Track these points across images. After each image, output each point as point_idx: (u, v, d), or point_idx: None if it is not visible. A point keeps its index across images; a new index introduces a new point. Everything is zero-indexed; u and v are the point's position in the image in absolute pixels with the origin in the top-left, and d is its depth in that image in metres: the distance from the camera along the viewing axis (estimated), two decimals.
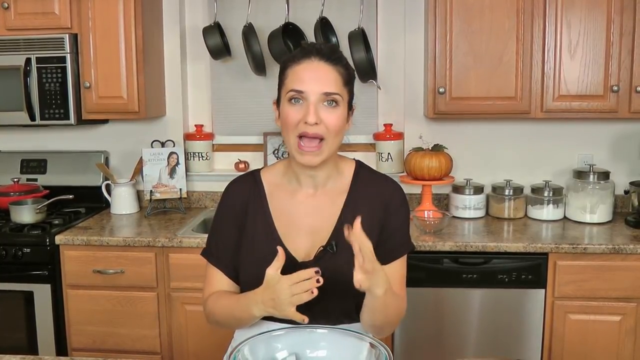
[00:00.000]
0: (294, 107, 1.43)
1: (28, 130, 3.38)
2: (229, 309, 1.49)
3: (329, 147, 1.44)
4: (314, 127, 1.40)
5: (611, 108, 2.80)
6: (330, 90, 1.42)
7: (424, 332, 2.68)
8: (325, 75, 1.43)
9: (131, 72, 2.97)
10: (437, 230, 2.79)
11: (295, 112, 1.42)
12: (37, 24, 2.96)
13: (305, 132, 1.41)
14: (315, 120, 1.40)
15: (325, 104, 1.42)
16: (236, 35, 3.21)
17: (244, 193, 1.57)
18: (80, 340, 2.84)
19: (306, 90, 1.41)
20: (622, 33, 2.74)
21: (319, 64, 1.44)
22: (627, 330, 2.59)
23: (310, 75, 1.42)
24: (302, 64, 1.44)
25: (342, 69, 1.47)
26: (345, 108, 1.47)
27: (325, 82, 1.42)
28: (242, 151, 3.40)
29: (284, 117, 1.45)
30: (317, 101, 1.41)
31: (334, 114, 1.43)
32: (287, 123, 1.44)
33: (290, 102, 1.43)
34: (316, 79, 1.42)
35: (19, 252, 2.77)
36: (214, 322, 1.57)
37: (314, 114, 1.40)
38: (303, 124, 1.41)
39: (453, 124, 3.21)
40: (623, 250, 2.54)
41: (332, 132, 1.43)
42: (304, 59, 1.44)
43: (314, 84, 1.41)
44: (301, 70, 1.43)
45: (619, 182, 3.07)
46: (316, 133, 1.41)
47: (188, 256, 2.73)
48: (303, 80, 1.42)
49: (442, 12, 2.82)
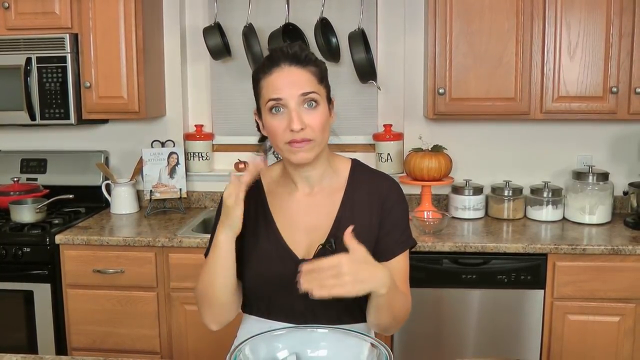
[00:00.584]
0: (277, 117, 1.44)
1: (28, 129, 3.39)
2: (205, 264, 1.50)
3: (319, 143, 1.46)
4: (300, 133, 1.42)
5: (610, 109, 2.81)
6: (307, 90, 1.43)
7: (424, 333, 2.69)
8: (299, 78, 1.44)
9: (131, 72, 2.98)
10: (437, 231, 2.80)
11: (278, 122, 1.44)
12: (38, 23, 2.96)
13: (294, 139, 1.43)
14: (300, 126, 1.41)
15: (305, 106, 1.43)
16: (236, 36, 3.21)
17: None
18: (80, 340, 2.84)
19: (284, 97, 1.42)
20: (622, 34, 2.74)
21: (290, 69, 1.44)
22: (625, 331, 2.59)
23: (284, 81, 1.43)
24: (274, 73, 1.45)
25: (313, 67, 1.47)
26: (325, 104, 1.48)
27: (300, 84, 1.43)
28: (241, 151, 3.40)
29: (269, 128, 1.47)
30: (297, 105, 1.42)
31: (317, 114, 1.44)
32: (273, 134, 1.46)
33: (272, 112, 1.44)
34: (290, 84, 1.43)
35: (19, 251, 2.77)
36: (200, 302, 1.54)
37: (297, 120, 1.41)
38: (289, 132, 1.42)
39: (453, 124, 3.21)
40: (622, 251, 2.55)
41: (318, 131, 1.45)
42: (274, 68, 1.45)
43: (289, 89, 1.42)
44: (274, 79, 1.44)
45: (618, 183, 3.08)
46: (304, 138, 1.43)
47: (188, 256, 2.74)
48: (278, 88, 1.43)
49: (442, 13, 2.83)
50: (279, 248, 1.51)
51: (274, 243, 1.51)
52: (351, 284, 1.26)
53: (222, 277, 1.47)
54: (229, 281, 1.48)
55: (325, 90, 1.50)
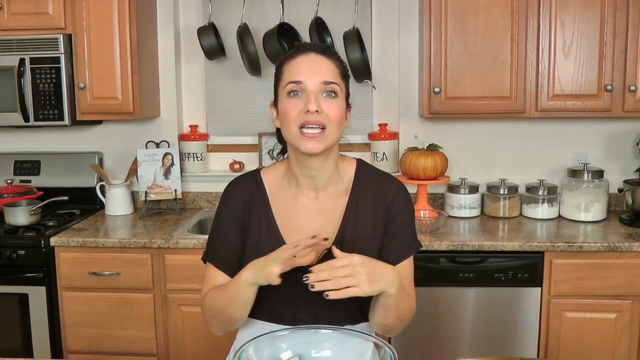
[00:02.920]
0: (294, 100, 1.42)
1: (22, 131, 3.36)
2: (223, 289, 1.46)
3: (331, 135, 1.43)
4: (315, 115, 1.40)
5: (605, 107, 2.82)
6: (329, 79, 1.43)
7: (421, 331, 2.69)
8: (323, 65, 1.44)
9: (126, 73, 2.96)
10: (433, 230, 2.80)
11: (295, 105, 1.42)
12: (31, 24, 2.93)
13: (307, 121, 1.40)
14: (317, 108, 1.40)
15: (324, 95, 1.42)
16: (231, 36, 3.20)
17: (247, 193, 1.55)
18: (76, 343, 2.82)
19: (305, 81, 1.41)
20: (616, 33, 2.76)
21: (316, 56, 1.45)
22: (622, 328, 2.61)
23: (308, 67, 1.43)
24: (299, 58, 1.45)
25: (338, 62, 1.48)
26: (344, 101, 1.47)
27: (323, 72, 1.43)
28: (236, 152, 3.40)
29: (284, 111, 1.44)
30: (317, 91, 1.41)
31: (334, 104, 1.43)
32: (287, 116, 1.43)
33: (290, 96, 1.43)
34: (313, 70, 1.43)
35: (14, 254, 2.75)
36: (210, 315, 1.52)
37: (314, 102, 1.40)
38: (304, 114, 1.40)
39: (448, 123, 3.22)
40: (618, 248, 2.56)
41: (334, 122, 1.43)
42: (300, 54, 1.46)
43: (312, 74, 1.42)
44: (298, 63, 1.44)
45: (613, 180, 3.09)
46: (318, 121, 1.40)
47: (184, 257, 2.72)
48: (301, 72, 1.43)
49: (437, 12, 2.83)
50: None
51: (276, 247, 1.47)
52: (367, 283, 1.25)
53: (241, 308, 1.44)
54: (247, 310, 1.45)
55: (346, 89, 1.50)
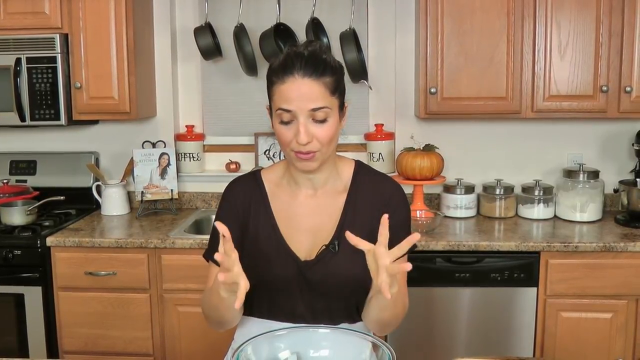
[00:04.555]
0: (285, 128, 1.43)
1: (18, 130, 3.35)
2: (210, 295, 1.45)
3: (322, 155, 1.45)
4: (306, 146, 1.41)
5: (600, 108, 2.83)
6: (317, 105, 1.40)
7: (417, 331, 2.69)
8: (310, 91, 1.40)
9: (122, 73, 2.96)
10: (430, 230, 2.80)
11: (287, 132, 1.43)
12: (27, 23, 2.93)
13: (299, 151, 1.42)
14: (307, 140, 1.40)
15: (314, 120, 1.41)
16: (227, 36, 3.20)
17: (247, 192, 1.57)
18: (72, 343, 2.82)
19: (294, 109, 1.40)
20: (611, 34, 2.77)
21: (303, 81, 1.40)
22: (618, 327, 2.62)
23: (296, 94, 1.40)
24: (287, 83, 1.41)
25: (328, 77, 1.43)
26: (336, 115, 1.46)
27: (311, 98, 1.40)
28: (233, 152, 3.40)
29: (277, 134, 1.46)
30: (305, 118, 1.41)
31: (325, 128, 1.43)
32: (281, 141, 1.46)
33: (281, 123, 1.43)
34: (301, 97, 1.40)
35: (10, 254, 2.74)
36: (205, 315, 1.53)
37: (304, 134, 1.40)
38: (296, 144, 1.41)
39: (444, 124, 3.23)
40: (614, 248, 2.57)
41: (325, 144, 1.44)
42: (288, 77, 1.41)
43: (300, 102, 1.40)
44: (286, 90, 1.41)
45: (609, 181, 3.11)
46: (309, 151, 1.42)
47: (181, 257, 2.72)
48: (289, 100, 1.40)
49: (433, 12, 2.84)
50: (281, 250, 1.50)
51: (275, 245, 1.50)
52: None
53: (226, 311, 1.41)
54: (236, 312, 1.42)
55: (338, 101, 1.46)
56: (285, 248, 1.50)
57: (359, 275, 1.41)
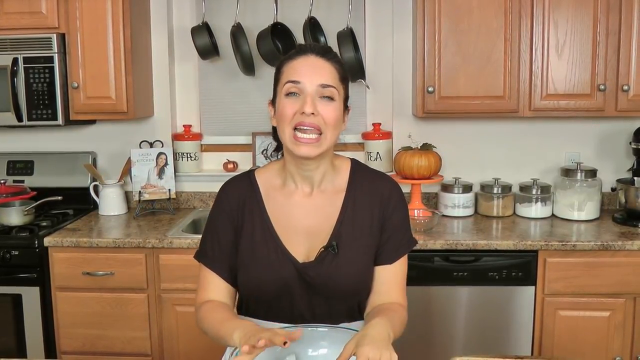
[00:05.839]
0: (291, 100, 1.42)
1: (15, 131, 3.34)
2: (217, 325, 1.43)
3: (327, 140, 1.44)
4: (310, 118, 1.40)
5: (598, 107, 2.83)
6: (327, 82, 1.42)
7: (415, 330, 2.69)
8: (322, 68, 1.44)
9: (119, 73, 2.95)
10: (428, 229, 2.80)
11: (291, 105, 1.42)
12: (24, 23, 2.92)
13: (302, 122, 1.40)
14: (312, 110, 1.40)
15: (321, 97, 1.42)
16: (224, 35, 3.20)
17: (241, 193, 1.55)
18: (70, 343, 2.81)
19: (303, 81, 1.41)
20: (609, 32, 2.77)
21: (315, 58, 1.45)
22: (616, 326, 2.62)
23: (307, 68, 1.43)
24: (298, 59, 1.45)
25: (338, 65, 1.48)
26: (342, 104, 1.47)
27: (322, 74, 1.43)
28: (230, 151, 3.39)
29: (280, 110, 1.44)
30: (314, 93, 1.41)
31: (331, 107, 1.43)
32: (283, 115, 1.43)
33: (287, 96, 1.43)
34: (312, 71, 1.42)
35: (7, 254, 2.73)
36: (201, 328, 1.52)
37: (310, 104, 1.40)
38: (299, 115, 1.40)
39: (442, 122, 3.22)
40: (611, 246, 2.57)
41: (330, 125, 1.43)
42: (300, 55, 1.46)
43: (310, 76, 1.42)
44: (297, 64, 1.44)
45: (606, 179, 3.11)
46: (312, 123, 1.40)
47: (179, 257, 2.72)
48: (300, 73, 1.42)
49: (430, 11, 2.84)
50: (278, 253, 1.48)
51: (272, 248, 1.48)
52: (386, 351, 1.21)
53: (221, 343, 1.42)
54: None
55: (344, 92, 1.49)
56: (283, 250, 1.48)
57: (361, 275, 1.41)
